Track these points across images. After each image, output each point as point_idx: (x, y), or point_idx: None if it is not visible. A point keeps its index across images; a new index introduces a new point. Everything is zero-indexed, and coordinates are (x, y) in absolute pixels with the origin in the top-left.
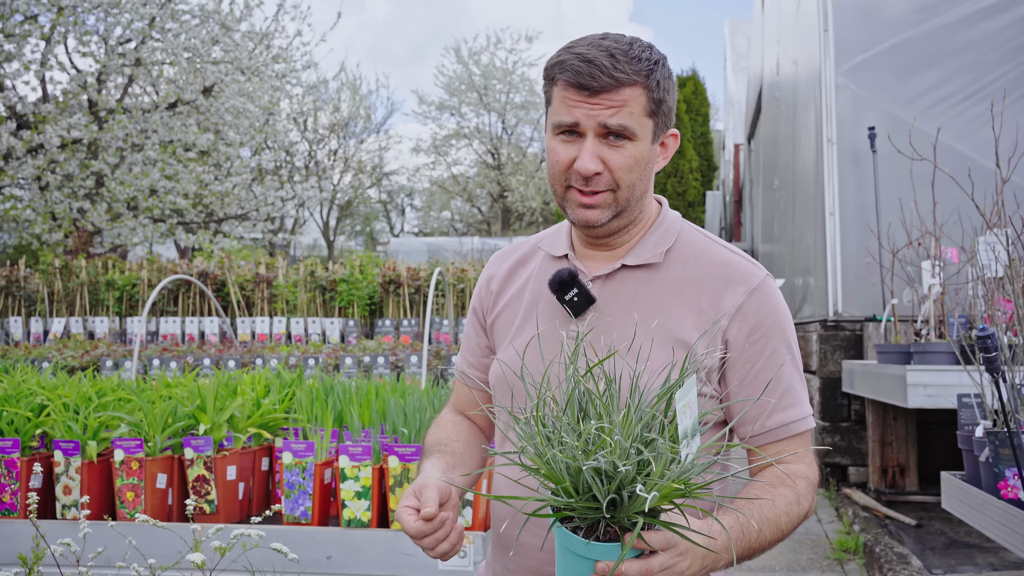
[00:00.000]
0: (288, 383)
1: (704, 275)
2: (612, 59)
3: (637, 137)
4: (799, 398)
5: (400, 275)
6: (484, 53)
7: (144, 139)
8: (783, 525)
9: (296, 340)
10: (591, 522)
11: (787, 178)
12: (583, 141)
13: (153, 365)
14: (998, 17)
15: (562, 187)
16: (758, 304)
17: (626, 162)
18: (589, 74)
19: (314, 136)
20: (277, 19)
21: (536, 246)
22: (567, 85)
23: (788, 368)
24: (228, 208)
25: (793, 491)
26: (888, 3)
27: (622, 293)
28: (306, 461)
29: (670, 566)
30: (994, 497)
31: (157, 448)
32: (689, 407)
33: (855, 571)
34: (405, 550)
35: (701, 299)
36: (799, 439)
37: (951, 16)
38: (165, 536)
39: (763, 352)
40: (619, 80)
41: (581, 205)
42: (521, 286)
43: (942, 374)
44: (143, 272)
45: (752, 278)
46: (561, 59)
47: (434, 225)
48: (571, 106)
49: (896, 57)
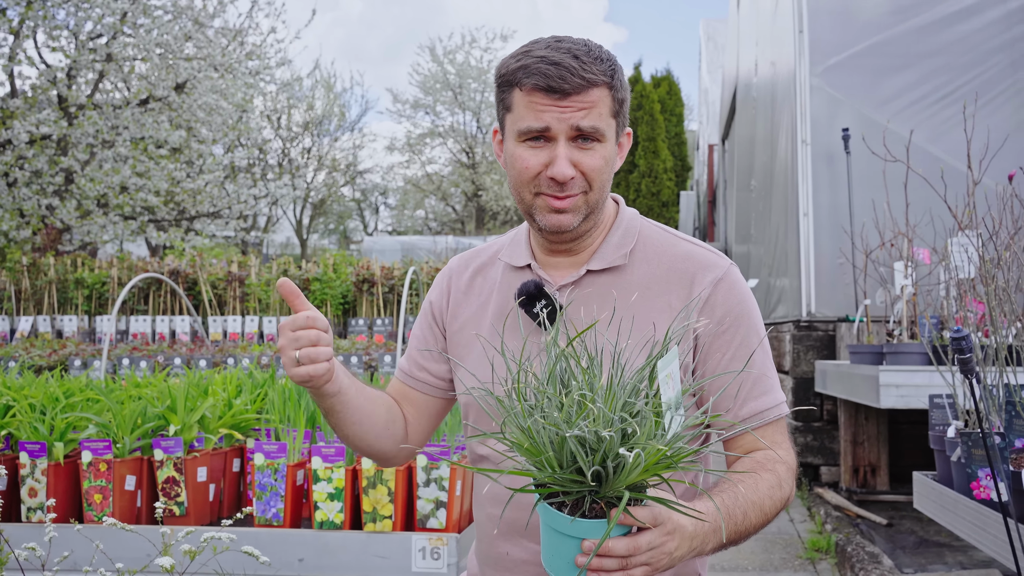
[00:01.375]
0: (260, 383)
1: (670, 272)
2: (578, 60)
3: (605, 138)
4: (771, 385)
5: (374, 274)
6: (459, 52)
7: (115, 136)
8: (767, 508)
9: (268, 339)
10: (576, 499)
11: (765, 179)
12: (552, 146)
13: (123, 365)
14: (971, 20)
15: (531, 194)
16: (724, 294)
17: (597, 163)
18: (559, 76)
19: (288, 134)
20: (251, 16)
21: (495, 256)
22: (534, 89)
23: (759, 356)
24: (200, 206)
25: (775, 475)
26: (863, 5)
27: (591, 299)
28: (278, 462)
29: (658, 545)
30: (966, 497)
31: (126, 449)
32: (671, 378)
33: (827, 571)
34: (378, 552)
35: (670, 296)
36: (774, 426)
37: (925, 19)
38: (133, 539)
39: (732, 342)
40: (589, 81)
41: (553, 210)
42: (484, 298)
43: (914, 375)
44: (113, 270)
45: (716, 268)
46: (523, 63)
47: (408, 224)
48: (540, 111)
49: (870, 59)
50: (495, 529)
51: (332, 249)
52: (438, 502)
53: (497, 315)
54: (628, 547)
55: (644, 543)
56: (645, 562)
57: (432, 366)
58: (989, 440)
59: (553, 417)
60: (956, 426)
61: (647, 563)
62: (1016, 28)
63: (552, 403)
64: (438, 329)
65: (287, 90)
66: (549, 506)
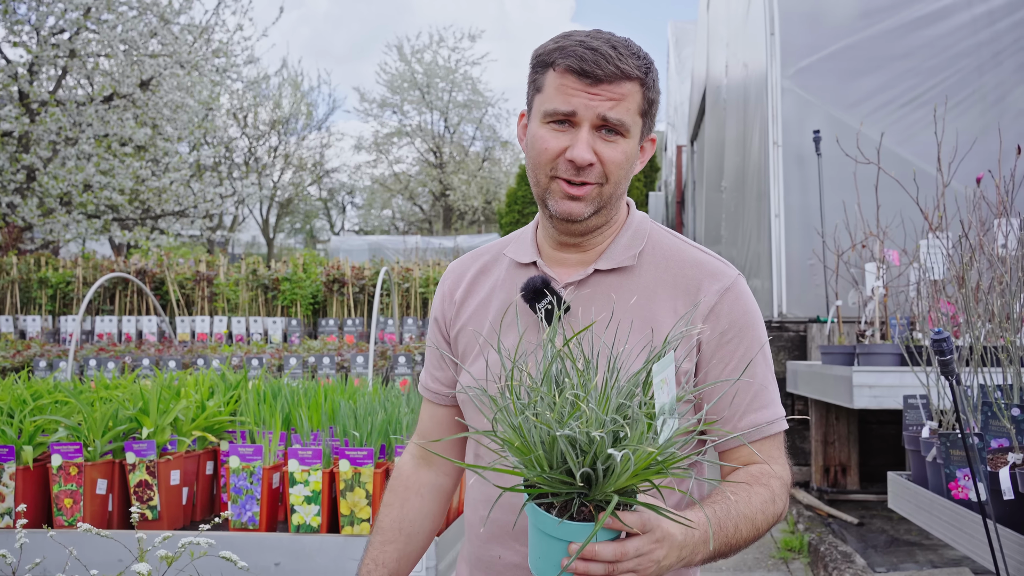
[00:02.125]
0: (233, 385)
1: (677, 277)
2: (615, 51)
3: (630, 134)
4: (771, 399)
5: (344, 274)
6: (427, 51)
7: (78, 133)
8: (759, 523)
9: (237, 340)
10: (565, 501)
11: (736, 180)
12: (576, 131)
13: (90, 365)
14: (937, 25)
15: (547, 177)
16: (730, 304)
17: (618, 157)
18: (594, 61)
19: (254, 132)
20: (217, 13)
21: (500, 253)
22: (567, 71)
23: (760, 368)
24: (166, 205)
25: (768, 490)
26: (832, 9)
27: (596, 298)
28: (254, 465)
29: (646, 552)
30: (942, 497)
31: (97, 453)
32: (667, 383)
33: (800, 570)
34: (356, 556)
35: (676, 301)
36: (772, 440)
37: (892, 23)
38: (105, 545)
39: (735, 352)
40: (623, 71)
41: (566, 196)
42: (487, 295)
43: (886, 375)
44: (78, 269)
45: (724, 278)
46: (561, 45)
47: (375, 223)
48: (569, 94)
49: (840, 62)
50: (485, 532)
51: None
52: None
53: (499, 311)
54: (615, 552)
55: (632, 549)
56: (632, 569)
57: (442, 375)
58: (968, 441)
59: (544, 416)
60: (930, 426)
61: (634, 570)
62: (981, 33)
63: (544, 402)
64: (443, 339)
65: (254, 88)
66: (537, 507)
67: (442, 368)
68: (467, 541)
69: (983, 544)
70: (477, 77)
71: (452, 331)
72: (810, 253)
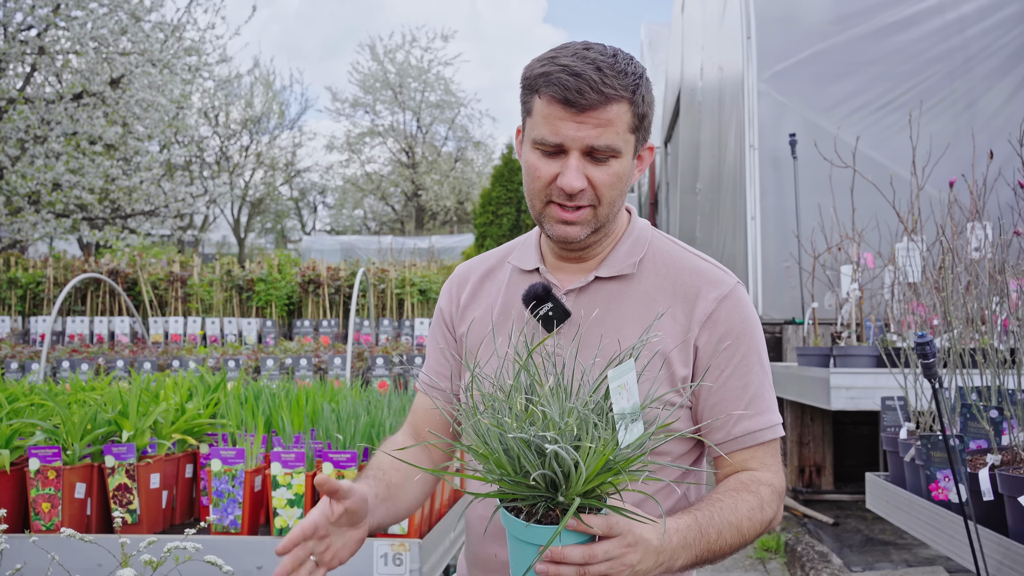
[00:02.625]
0: (212, 387)
1: (677, 284)
2: (600, 73)
3: (621, 154)
4: (767, 406)
5: (320, 275)
6: (399, 51)
7: (47, 131)
8: (745, 530)
9: (212, 341)
10: (534, 505)
11: (711, 182)
12: (566, 157)
13: (62, 367)
14: (909, 30)
15: (541, 203)
16: (728, 311)
17: (609, 179)
18: (577, 89)
19: (226, 131)
20: (189, 11)
21: (503, 259)
22: (552, 100)
23: (757, 375)
24: (136, 204)
25: (756, 497)
26: (807, 13)
27: (596, 305)
28: (236, 468)
29: (617, 555)
30: (921, 498)
31: (76, 456)
32: (626, 389)
33: (777, 570)
34: None
35: (675, 309)
36: (766, 447)
37: (865, 28)
38: (85, 549)
39: (732, 359)
40: (607, 96)
41: (561, 221)
42: (491, 300)
43: (861, 376)
44: (48, 269)
45: (723, 285)
46: (546, 70)
47: (346, 223)
48: (556, 125)
49: (815, 66)
50: (483, 531)
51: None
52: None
53: (503, 316)
54: (583, 555)
55: (600, 552)
56: (603, 572)
57: (447, 373)
58: (951, 442)
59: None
60: (908, 427)
61: (606, 573)
62: (953, 39)
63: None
64: (449, 334)
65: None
66: (507, 511)
67: (443, 363)
68: (467, 539)
69: (962, 544)
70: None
71: (458, 331)
72: (785, 255)
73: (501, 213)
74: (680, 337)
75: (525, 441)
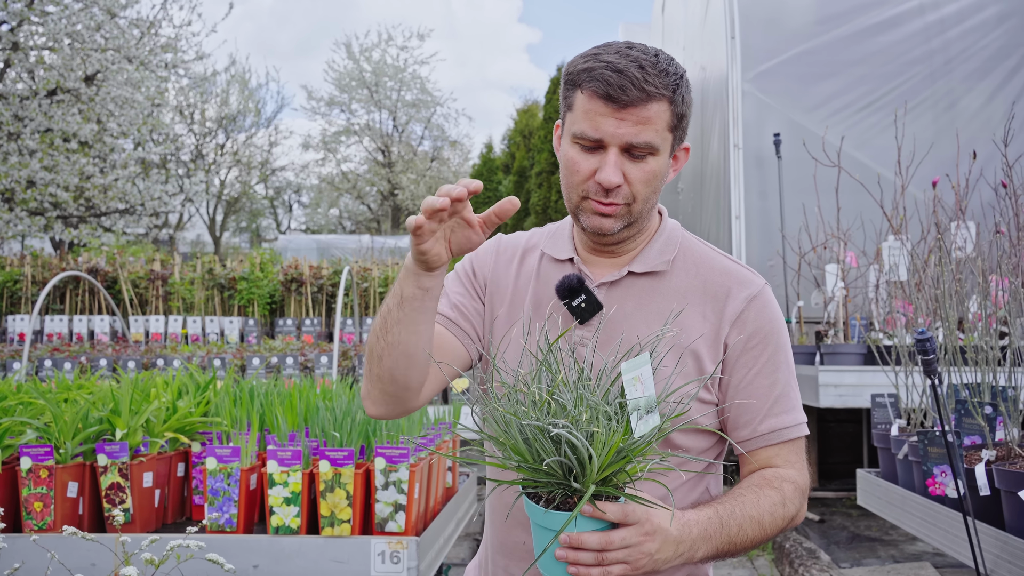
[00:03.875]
0: (203, 386)
1: (707, 283)
2: (642, 71)
3: (659, 152)
4: (792, 404)
5: (303, 273)
6: (375, 49)
7: (21, 128)
8: (767, 524)
9: (193, 340)
10: (554, 492)
11: (694, 182)
12: (604, 153)
13: (44, 366)
14: (892, 32)
15: (579, 196)
16: (757, 312)
17: (645, 176)
18: (620, 86)
19: (201, 129)
20: (165, 8)
21: (537, 244)
22: (594, 95)
23: (783, 374)
24: (111, 202)
25: (779, 493)
26: (791, 14)
27: (628, 300)
28: (231, 467)
29: (634, 543)
30: (915, 494)
31: (68, 455)
32: (640, 381)
33: (765, 566)
34: (336, 557)
35: (705, 307)
36: (791, 445)
37: (848, 29)
38: (79, 548)
39: (759, 358)
40: (648, 93)
41: (597, 213)
42: (523, 284)
43: (848, 374)
44: (26, 268)
45: (752, 286)
46: (589, 66)
47: (321, 222)
48: (597, 120)
49: (799, 66)
50: (506, 517)
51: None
52: (397, 505)
53: (536, 304)
54: (600, 542)
55: (617, 540)
56: (622, 559)
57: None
58: (950, 439)
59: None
60: (899, 424)
61: (624, 560)
62: (934, 41)
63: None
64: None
65: (201, 85)
66: (528, 498)
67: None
68: (489, 526)
69: (957, 539)
70: (426, 76)
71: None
72: (770, 255)
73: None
74: (711, 335)
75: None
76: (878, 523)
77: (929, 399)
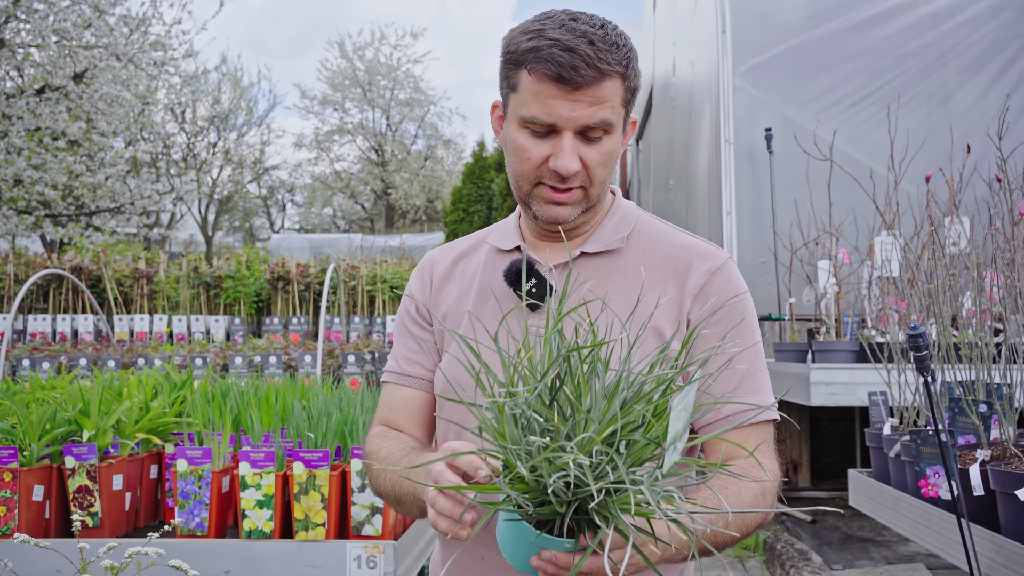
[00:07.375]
0: (178, 385)
1: (666, 259)
2: (593, 47)
3: (614, 130)
4: (760, 385)
5: (290, 272)
6: (368, 48)
7: (8, 126)
8: (748, 520)
9: (179, 339)
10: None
11: (684, 179)
12: (557, 138)
13: (23, 366)
14: (884, 26)
15: (530, 184)
16: (720, 285)
17: (602, 159)
18: (571, 66)
19: (193, 128)
20: (155, 4)
21: (481, 241)
22: (544, 78)
23: (749, 352)
24: (101, 201)
25: (759, 485)
26: (782, 8)
27: (582, 281)
28: (203, 469)
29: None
30: (907, 495)
31: (33, 457)
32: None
33: (756, 568)
34: (311, 562)
35: (666, 283)
36: (759, 429)
37: (841, 23)
38: (43, 555)
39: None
40: (602, 71)
41: (552, 202)
42: (467, 282)
43: (839, 372)
44: (9, 266)
45: (715, 259)
46: (535, 44)
47: (315, 222)
48: (548, 104)
49: (790, 61)
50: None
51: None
52: (374, 508)
53: (481, 296)
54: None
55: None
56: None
57: (423, 359)
58: (943, 438)
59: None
60: (891, 423)
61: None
62: (927, 35)
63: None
64: (423, 321)
65: (192, 83)
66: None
67: (416, 350)
68: (442, 543)
69: (951, 541)
70: (419, 75)
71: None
72: (761, 251)
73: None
74: (673, 311)
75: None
76: (871, 524)
77: (922, 397)
